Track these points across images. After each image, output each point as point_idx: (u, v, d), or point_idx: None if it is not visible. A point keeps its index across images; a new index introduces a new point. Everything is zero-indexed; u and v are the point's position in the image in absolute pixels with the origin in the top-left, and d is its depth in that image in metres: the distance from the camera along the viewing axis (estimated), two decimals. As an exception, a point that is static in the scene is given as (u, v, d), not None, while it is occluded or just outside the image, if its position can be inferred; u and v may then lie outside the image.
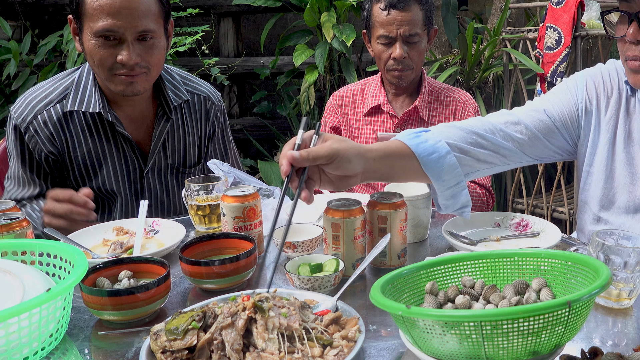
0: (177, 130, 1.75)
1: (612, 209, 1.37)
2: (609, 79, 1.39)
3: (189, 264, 1.14)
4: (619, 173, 1.35)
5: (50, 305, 0.88)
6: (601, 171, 1.37)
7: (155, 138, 1.70)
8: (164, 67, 1.73)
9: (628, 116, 1.36)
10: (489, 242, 1.35)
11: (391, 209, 1.22)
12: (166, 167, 1.76)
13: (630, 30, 1.20)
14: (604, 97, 1.38)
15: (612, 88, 1.38)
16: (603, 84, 1.39)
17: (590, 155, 1.39)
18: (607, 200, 1.38)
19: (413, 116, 1.97)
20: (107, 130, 1.65)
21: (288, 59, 3.91)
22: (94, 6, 1.47)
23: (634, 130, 1.35)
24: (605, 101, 1.38)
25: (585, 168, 1.41)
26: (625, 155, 1.35)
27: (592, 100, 1.39)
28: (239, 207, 1.31)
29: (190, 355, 0.86)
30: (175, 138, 1.75)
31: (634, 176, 1.34)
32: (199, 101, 1.79)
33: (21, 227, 1.23)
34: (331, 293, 1.08)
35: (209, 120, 1.81)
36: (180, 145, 1.76)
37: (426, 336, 0.81)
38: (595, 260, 0.88)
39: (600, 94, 1.39)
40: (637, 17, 1.18)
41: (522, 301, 0.93)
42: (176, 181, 1.79)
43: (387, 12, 1.85)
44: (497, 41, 3.31)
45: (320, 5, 3.48)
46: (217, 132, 1.85)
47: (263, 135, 4.26)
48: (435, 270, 1.01)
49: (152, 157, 1.71)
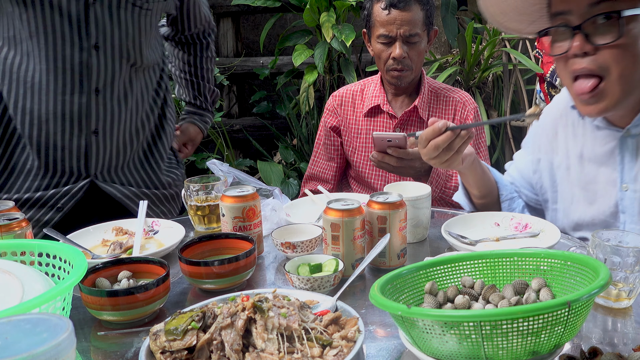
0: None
1: (582, 229, 1.42)
2: (551, 121, 1.49)
3: (188, 264, 1.14)
4: (580, 196, 1.42)
5: (49, 305, 0.88)
6: (566, 201, 1.46)
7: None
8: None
9: (577, 141, 1.42)
10: (488, 242, 1.35)
11: (391, 209, 1.22)
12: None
13: (575, 43, 1.16)
14: (546, 141, 1.50)
15: (553, 128, 1.48)
16: (543, 130, 1.51)
17: (553, 193, 1.49)
18: (575, 224, 1.44)
19: (413, 116, 1.97)
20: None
21: (287, 59, 3.91)
22: None
23: (587, 152, 1.39)
24: (548, 143, 1.49)
25: (552, 207, 1.50)
26: (583, 176, 1.41)
27: (538, 149, 1.52)
28: (239, 207, 1.31)
29: (190, 355, 0.86)
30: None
31: (596, 194, 1.39)
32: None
33: (20, 228, 1.23)
34: (331, 293, 1.08)
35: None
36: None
37: (426, 336, 0.81)
38: (595, 260, 0.88)
39: (542, 140, 1.51)
40: (581, 28, 1.15)
41: (521, 301, 0.93)
42: (131, 19, 1.56)
43: (388, 12, 1.85)
44: (496, 41, 3.32)
45: (320, 5, 3.48)
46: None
47: (262, 135, 4.26)
48: (435, 270, 1.01)
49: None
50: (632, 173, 1.31)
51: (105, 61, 1.58)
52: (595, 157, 1.38)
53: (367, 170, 2.03)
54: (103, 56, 1.57)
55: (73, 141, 1.62)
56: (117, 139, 1.68)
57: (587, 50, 1.16)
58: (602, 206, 1.37)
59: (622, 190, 1.33)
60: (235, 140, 4.26)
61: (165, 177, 1.84)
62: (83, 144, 1.63)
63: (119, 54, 1.60)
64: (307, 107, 3.76)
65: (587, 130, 1.39)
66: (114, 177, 1.72)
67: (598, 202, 1.38)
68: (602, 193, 1.37)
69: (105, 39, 1.55)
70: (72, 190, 1.66)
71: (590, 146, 1.38)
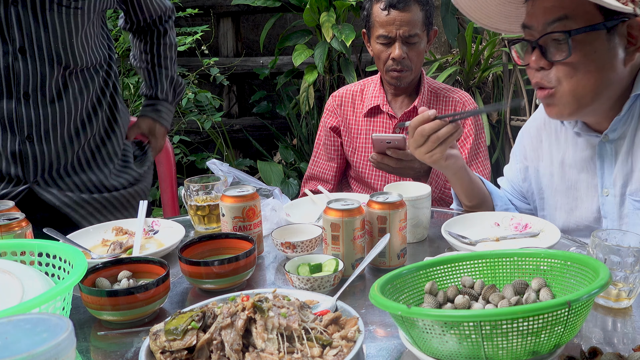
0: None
1: (572, 234, 1.43)
2: (535, 128, 1.52)
3: (188, 264, 1.14)
4: (563, 203, 1.44)
5: (49, 305, 0.88)
6: (551, 207, 1.48)
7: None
8: None
9: (559, 147, 1.44)
10: (488, 242, 1.35)
11: (390, 209, 1.22)
12: None
13: (532, 57, 1.23)
14: (531, 149, 1.52)
15: (537, 135, 1.51)
16: (529, 138, 1.53)
17: (540, 201, 1.52)
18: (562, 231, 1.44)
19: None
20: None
21: (287, 59, 3.91)
22: None
23: (568, 158, 1.42)
24: (533, 151, 1.52)
25: (539, 214, 1.53)
26: (564, 182, 1.43)
27: (525, 157, 1.55)
28: (239, 207, 1.31)
29: (190, 355, 0.86)
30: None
31: (577, 200, 1.41)
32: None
33: (20, 228, 1.23)
34: (331, 293, 1.08)
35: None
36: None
37: (426, 336, 0.81)
38: (595, 260, 0.88)
39: (527, 149, 1.53)
40: (538, 44, 1.21)
41: (521, 301, 0.93)
42: (59, 19, 1.47)
43: (387, 12, 1.85)
44: (496, 41, 3.32)
45: (320, 5, 3.48)
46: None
47: (262, 135, 4.26)
48: (435, 270, 1.01)
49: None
50: (611, 178, 1.33)
51: (33, 65, 1.51)
52: (576, 163, 1.40)
53: (367, 170, 2.03)
54: (30, 60, 1.49)
55: (7, 147, 1.57)
56: (54, 143, 1.60)
57: (542, 65, 1.23)
58: (584, 212, 1.40)
59: (603, 195, 1.35)
60: (235, 140, 4.26)
61: (115, 180, 1.77)
62: (17, 150, 1.57)
63: (48, 57, 1.52)
64: (307, 107, 3.76)
65: (569, 137, 1.42)
66: (54, 183, 1.65)
67: (580, 208, 1.40)
68: (584, 199, 1.40)
69: (32, 41, 1.47)
70: (8, 195, 1.59)
71: (572, 152, 1.41)
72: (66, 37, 1.50)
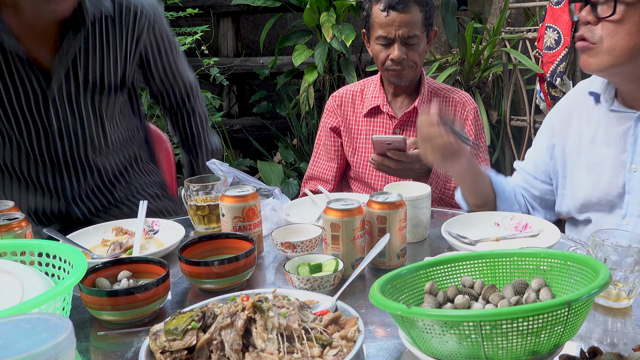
0: (94, 47, 1.51)
1: (589, 210, 1.47)
2: (566, 108, 1.55)
3: (188, 264, 1.14)
4: (587, 178, 1.46)
5: (49, 305, 0.88)
6: (573, 185, 1.50)
7: (60, 55, 1.46)
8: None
9: (591, 126, 1.47)
10: (488, 242, 1.35)
11: (390, 209, 1.22)
12: (77, 90, 1.54)
13: (582, 12, 1.31)
14: (562, 128, 1.54)
15: (569, 115, 1.53)
16: (560, 118, 1.56)
17: (562, 179, 1.53)
18: (580, 205, 1.48)
19: (413, 117, 1.97)
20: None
21: (287, 59, 3.91)
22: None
23: (599, 134, 1.45)
24: (564, 129, 1.53)
25: (560, 192, 1.55)
26: (591, 158, 1.46)
27: (553, 136, 1.56)
28: (238, 207, 1.31)
29: (190, 355, 0.86)
30: (89, 56, 1.51)
31: (602, 176, 1.43)
32: (127, 13, 1.55)
33: (20, 228, 1.23)
34: (330, 293, 1.08)
35: (139, 34, 1.57)
36: (97, 64, 1.53)
37: (425, 336, 0.81)
38: (595, 260, 0.88)
39: (557, 127, 1.56)
40: (590, 0, 1.30)
41: (521, 301, 0.93)
42: (92, 108, 1.57)
43: (387, 13, 1.85)
44: (496, 41, 3.32)
45: (320, 5, 3.48)
46: (152, 47, 1.63)
47: (262, 135, 4.26)
48: (435, 270, 1.01)
49: (58, 77, 1.49)
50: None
51: (70, 147, 1.60)
52: (607, 139, 1.43)
53: (367, 170, 2.03)
54: (67, 143, 1.59)
55: (49, 207, 1.67)
56: (94, 199, 1.72)
57: (590, 20, 1.30)
58: (608, 187, 1.42)
59: (630, 170, 1.38)
60: (235, 140, 4.26)
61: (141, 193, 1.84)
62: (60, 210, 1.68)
63: (83, 141, 1.61)
64: (307, 107, 3.76)
65: (602, 115, 1.45)
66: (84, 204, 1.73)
67: (604, 183, 1.42)
68: (609, 174, 1.42)
69: (68, 128, 1.58)
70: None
71: (604, 129, 1.44)
72: (98, 123, 1.61)
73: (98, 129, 1.61)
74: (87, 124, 1.58)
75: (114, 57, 1.56)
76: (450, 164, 1.47)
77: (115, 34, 1.55)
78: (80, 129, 1.58)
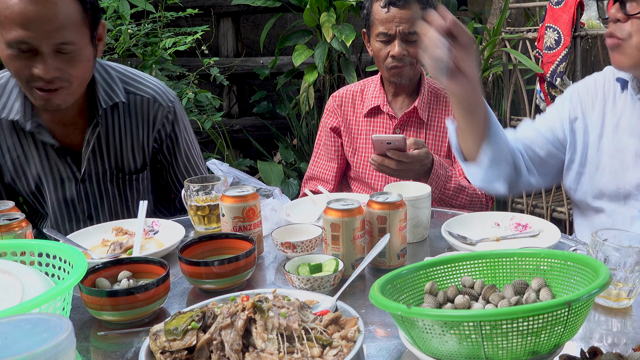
0: (113, 135, 1.63)
1: (604, 198, 1.46)
2: (594, 85, 1.53)
3: (188, 264, 1.14)
4: (607, 164, 1.45)
5: (49, 305, 0.88)
6: (592, 166, 1.49)
7: (86, 143, 1.58)
8: (103, 65, 1.61)
9: (616, 112, 1.46)
10: (488, 242, 1.35)
11: (390, 209, 1.22)
12: (104, 174, 1.65)
13: (612, 10, 1.33)
14: (589, 103, 1.52)
15: (596, 92, 1.52)
16: (587, 92, 1.54)
17: (582, 156, 1.51)
18: (598, 191, 1.47)
19: (413, 117, 1.97)
20: (30, 136, 1.57)
21: (287, 59, 3.91)
22: (5, 14, 1.32)
23: (624, 122, 1.44)
24: (590, 105, 1.52)
25: (578, 169, 1.52)
26: (614, 145, 1.45)
27: (577, 108, 1.54)
28: (238, 207, 1.31)
29: (190, 355, 0.86)
30: (109, 143, 1.63)
31: (623, 164, 1.43)
32: (141, 103, 1.64)
33: (20, 228, 1.23)
34: (331, 293, 1.08)
35: (153, 124, 1.67)
36: (117, 151, 1.64)
37: (425, 336, 0.81)
38: (595, 260, 0.88)
39: (584, 100, 1.53)
40: None
41: (521, 301, 0.93)
42: (117, 188, 1.69)
43: (387, 10, 1.85)
44: (496, 41, 3.31)
45: (320, 5, 3.48)
46: (166, 139, 1.71)
47: (262, 135, 4.26)
48: (435, 270, 1.01)
49: (85, 163, 1.61)
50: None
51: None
52: (632, 129, 1.42)
53: (367, 171, 2.03)
54: (96, 223, 1.64)
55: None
56: None
57: (619, 17, 1.32)
58: (629, 177, 1.42)
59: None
60: (235, 140, 4.25)
61: None
62: None
63: (110, 219, 1.70)
64: (307, 107, 3.76)
65: (627, 102, 1.45)
66: None
67: (625, 172, 1.42)
68: (630, 164, 1.42)
69: (97, 210, 1.69)
70: None
71: (628, 117, 1.44)
72: (117, 198, 1.71)
73: (123, 207, 1.73)
74: (113, 202, 1.70)
75: (131, 144, 1.66)
76: (452, 83, 1.32)
77: (131, 122, 1.64)
78: (107, 209, 1.70)
